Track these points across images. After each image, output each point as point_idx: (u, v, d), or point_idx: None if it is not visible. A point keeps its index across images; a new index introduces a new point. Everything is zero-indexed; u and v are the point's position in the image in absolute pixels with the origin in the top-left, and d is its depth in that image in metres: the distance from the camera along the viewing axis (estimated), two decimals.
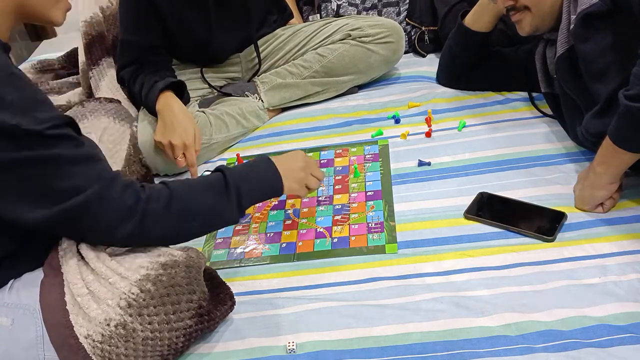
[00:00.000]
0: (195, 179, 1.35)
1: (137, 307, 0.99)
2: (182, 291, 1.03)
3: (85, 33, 1.84)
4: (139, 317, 0.99)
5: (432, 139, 1.61)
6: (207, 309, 1.08)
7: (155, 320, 1.00)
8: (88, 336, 0.97)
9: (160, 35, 1.73)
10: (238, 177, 1.15)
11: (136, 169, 1.54)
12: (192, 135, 1.57)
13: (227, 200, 1.12)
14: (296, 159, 1.27)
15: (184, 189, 1.10)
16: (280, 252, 1.33)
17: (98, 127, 1.55)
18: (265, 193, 1.21)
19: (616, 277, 1.12)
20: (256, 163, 1.23)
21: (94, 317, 0.98)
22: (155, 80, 1.64)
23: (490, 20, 1.63)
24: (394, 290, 1.17)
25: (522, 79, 1.68)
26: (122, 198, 1.01)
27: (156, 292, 1.01)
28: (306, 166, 1.27)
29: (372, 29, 1.84)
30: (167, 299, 1.02)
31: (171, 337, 1.02)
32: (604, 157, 1.20)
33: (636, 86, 1.06)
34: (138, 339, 0.99)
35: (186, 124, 1.57)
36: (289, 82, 1.84)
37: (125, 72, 1.73)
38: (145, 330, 0.99)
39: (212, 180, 1.14)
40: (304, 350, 1.08)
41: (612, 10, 1.17)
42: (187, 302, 1.03)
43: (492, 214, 1.31)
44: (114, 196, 1.00)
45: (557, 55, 1.34)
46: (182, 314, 1.03)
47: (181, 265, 1.04)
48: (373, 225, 1.35)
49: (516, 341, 1.03)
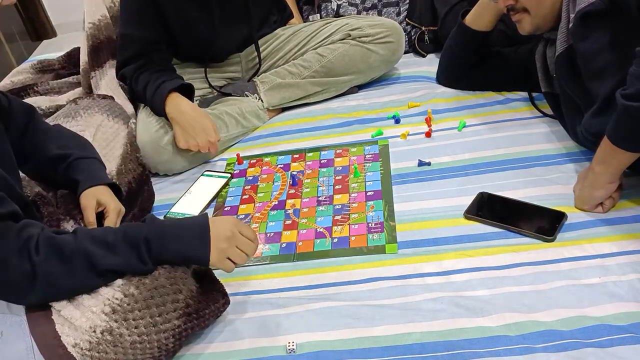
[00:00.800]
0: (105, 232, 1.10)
1: (122, 312, 0.99)
2: (167, 292, 1.03)
3: (92, 35, 1.83)
4: (124, 322, 0.99)
5: (432, 139, 1.61)
6: (195, 307, 1.07)
7: (141, 324, 1.00)
8: (76, 345, 0.97)
9: (161, 31, 1.73)
10: (159, 235, 1.06)
11: (132, 167, 1.53)
12: (213, 130, 1.62)
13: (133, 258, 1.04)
14: (223, 226, 1.11)
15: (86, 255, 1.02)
16: (280, 252, 1.33)
17: (92, 124, 1.55)
18: (185, 259, 1.09)
19: (616, 277, 1.12)
20: (189, 226, 1.11)
21: (79, 326, 0.98)
22: (163, 80, 1.64)
23: (491, 19, 1.63)
24: (394, 290, 1.17)
25: (522, 78, 1.68)
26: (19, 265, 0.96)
27: (140, 295, 1.01)
28: (232, 237, 1.11)
29: (372, 29, 1.84)
30: (152, 301, 1.01)
31: (160, 338, 1.02)
32: (602, 156, 1.20)
33: (633, 85, 1.06)
34: (126, 344, 0.99)
35: (203, 122, 1.61)
36: (288, 82, 1.84)
37: (126, 70, 1.73)
38: (132, 334, 0.99)
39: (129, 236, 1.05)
40: (304, 350, 1.08)
41: (610, 10, 1.17)
42: (172, 303, 1.03)
43: (492, 214, 1.31)
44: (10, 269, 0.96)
45: (556, 54, 1.34)
46: (169, 315, 1.02)
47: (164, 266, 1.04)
48: (373, 225, 1.35)
49: (516, 341, 1.03)
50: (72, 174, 1.32)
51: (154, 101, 1.64)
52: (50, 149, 1.34)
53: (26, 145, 1.31)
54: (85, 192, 1.30)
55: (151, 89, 1.64)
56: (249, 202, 1.51)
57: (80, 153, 1.35)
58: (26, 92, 1.92)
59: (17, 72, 2.09)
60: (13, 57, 3.51)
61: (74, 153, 1.34)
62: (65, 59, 2.08)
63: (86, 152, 1.37)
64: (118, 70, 1.78)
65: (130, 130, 1.61)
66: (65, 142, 1.37)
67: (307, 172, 1.57)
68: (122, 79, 1.78)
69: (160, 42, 1.74)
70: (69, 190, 1.33)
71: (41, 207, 1.26)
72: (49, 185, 1.35)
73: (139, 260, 1.04)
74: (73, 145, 1.37)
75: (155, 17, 1.69)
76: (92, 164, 1.36)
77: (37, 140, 1.33)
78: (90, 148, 1.42)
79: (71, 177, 1.32)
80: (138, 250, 1.04)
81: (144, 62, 1.71)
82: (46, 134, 1.36)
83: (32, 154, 1.32)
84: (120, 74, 1.78)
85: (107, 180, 1.35)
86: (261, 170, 1.61)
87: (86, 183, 1.31)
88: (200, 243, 1.08)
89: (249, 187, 1.56)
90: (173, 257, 1.07)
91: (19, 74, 2.07)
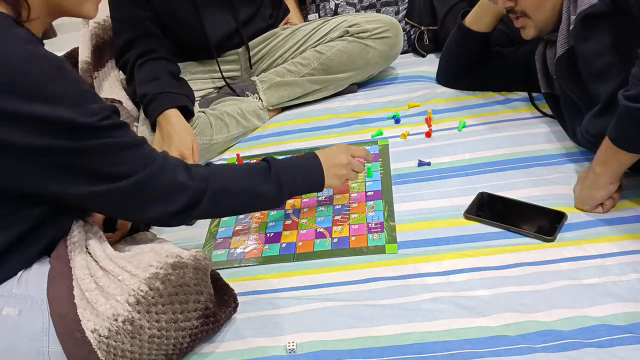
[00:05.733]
0: (239, 164, 1.46)
1: (146, 305, 1.00)
2: (190, 291, 1.04)
3: (96, 35, 1.83)
4: (147, 314, 0.99)
5: (432, 139, 1.61)
6: (212, 310, 1.08)
7: (162, 319, 1.01)
8: (95, 330, 0.97)
9: (152, 12, 1.72)
10: (281, 167, 1.24)
11: None
12: (189, 145, 1.57)
13: (268, 184, 1.21)
14: (339, 155, 1.35)
15: (225, 170, 1.20)
16: (280, 252, 1.33)
17: None
18: (307, 186, 1.31)
19: (616, 277, 1.12)
20: (302, 157, 1.33)
21: (102, 312, 0.98)
22: (169, 91, 1.63)
23: (491, 20, 1.63)
24: (394, 290, 1.17)
25: (522, 79, 1.68)
26: (173, 176, 1.07)
27: (165, 290, 1.01)
28: (348, 163, 1.35)
29: (369, 25, 1.83)
30: (176, 298, 1.02)
31: (177, 336, 1.03)
32: (603, 157, 1.20)
33: (635, 87, 1.06)
34: (144, 336, 0.99)
35: (183, 135, 1.57)
36: (287, 81, 1.83)
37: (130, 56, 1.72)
38: (152, 327, 1.00)
39: (256, 166, 1.24)
40: (304, 350, 1.08)
41: (611, 11, 1.17)
42: (194, 303, 1.04)
43: (492, 214, 1.31)
44: (167, 175, 1.06)
45: (557, 55, 1.34)
46: (190, 314, 1.03)
47: (189, 267, 1.05)
48: (373, 225, 1.35)
49: (516, 341, 1.03)
50: None
51: (147, 107, 1.63)
52: None
53: None
54: None
55: (150, 93, 1.63)
56: None
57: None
58: None
59: None
60: None
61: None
62: (65, 59, 2.07)
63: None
64: (118, 58, 1.77)
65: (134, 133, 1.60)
66: None
67: None
68: (123, 65, 1.76)
69: (153, 23, 1.74)
70: None
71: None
72: None
73: (273, 189, 1.22)
74: None
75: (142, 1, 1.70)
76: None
77: None
78: None
79: None
80: (269, 179, 1.21)
81: (145, 50, 1.70)
82: None
83: None
84: (121, 62, 1.77)
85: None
86: None
87: None
88: (316, 171, 1.30)
89: None
90: (298, 187, 1.28)
91: None
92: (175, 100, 1.62)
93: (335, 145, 1.40)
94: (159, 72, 1.68)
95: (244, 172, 1.22)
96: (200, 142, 1.66)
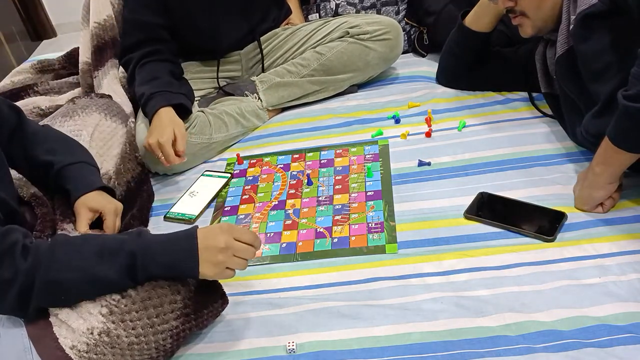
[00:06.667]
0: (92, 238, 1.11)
1: (119, 314, 0.99)
2: (165, 293, 1.03)
3: (97, 35, 1.83)
4: (121, 323, 0.99)
5: (432, 139, 1.61)
6: (193, 308, 1.06)
7: (138, 325, 1.00)
8: (73, 347, 0.97)
9: (165, 19, 1.74)
10: (142, 246, 1.04)
11: (131, 166, 1.53)
12: (168, 134, 1.55)
13: (114, 269, 1.01)
14: (217, 237, 1.06)
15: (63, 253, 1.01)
16: (281, 252, 1.33)
17: (90, 124, 1.54)
18: (174, 271, 1.05)
19: (616, 277, 1.12)
20: (174, 236, 1.08)
21: (77, 328, 0.98)
22: (163, 91, 1.63)
23: (491, 20, 1.63)
24: (394, 290, 1.17)
25: (522, 79, 1.68)
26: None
27: (137, 296, 1.01)
28: (225, 247, 1.06)
29: (370, 26, 1.83)
30: (149, 302, 1.01)
31: (157, 339, 1.01)
32: (602, 157, 1.20)
33: (635, 86, 1.06)
34: (123, 345, 0.98)
35: (165, 127, 1.57)
36: (287, 81, 1.83)
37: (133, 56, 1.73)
38: (129, 335, 0.99)
39: (109, 244, 1.04)
40: (304, 350, 1.08)
41: (611, 11, 1.17)
42: (170, 304, 1.03)
43: (492, 214, 1.31)
44: None
45: (556, 55, 1.34)
46: (166, 316, 1.02)
47: None
48: (373, 225, 1.35)
49: (516, 341, 1.03)
50: (62, 183, 1.30)
51: (145, 105, 1.64)
52: (38, 153, 1.32)
53: (14, 149, 1.30)
54: (77, 202, 1.28)
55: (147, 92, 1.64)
56: (249, 202, 1.51)
57: (67, 159, 1.32)
58: (26, 92, 1.92)
59: (17, 72, 2.09)
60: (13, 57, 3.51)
61: (60, 160, 1.31)
62: (65, 59, 2.08)
63: (73, 157, 1.34)
64: (122, 56, 1.78)
65: (129, 130, 1.61)
66: (52, 146, 1.34)
67: (307, 172, 1.57)
68: (126, 64, 1.77)
69: (164, 29, 1.75)
70: (64, 195, 1.32)
71: (35, 208, 1.25)
72: (45, 187, 1.34)
73: (127, 277, 1.01)
74: (60, 149, 1.34)
75: (160, 4, 1.71)
76: (80, 169, 1.32)
77: (25, 144, 1.31)
78: (79, 150, 1.38)
79: (61, 185, 1.31)
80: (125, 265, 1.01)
81: (149, 51, 1.71)
82: (34, 136, 1.33)
83: (22, 158, 1.31)
84: (124, 60, 1.77)
85: (97, 185, 1.32)
86: (261, 170, 1.62)
87: (76, 192, 1.29)
88: (188, 256, 1.04)
89: (249, 187, 1.56)
90: (162, 271, 1.04)
91: (19, 74, 2.07)
92: (170, 99, 1.63)
93: (218, 225, 1.20)
94: (159, 72, 1.69)
95: (88, 253, 1.02)
96: (200, 141, 1.67)
